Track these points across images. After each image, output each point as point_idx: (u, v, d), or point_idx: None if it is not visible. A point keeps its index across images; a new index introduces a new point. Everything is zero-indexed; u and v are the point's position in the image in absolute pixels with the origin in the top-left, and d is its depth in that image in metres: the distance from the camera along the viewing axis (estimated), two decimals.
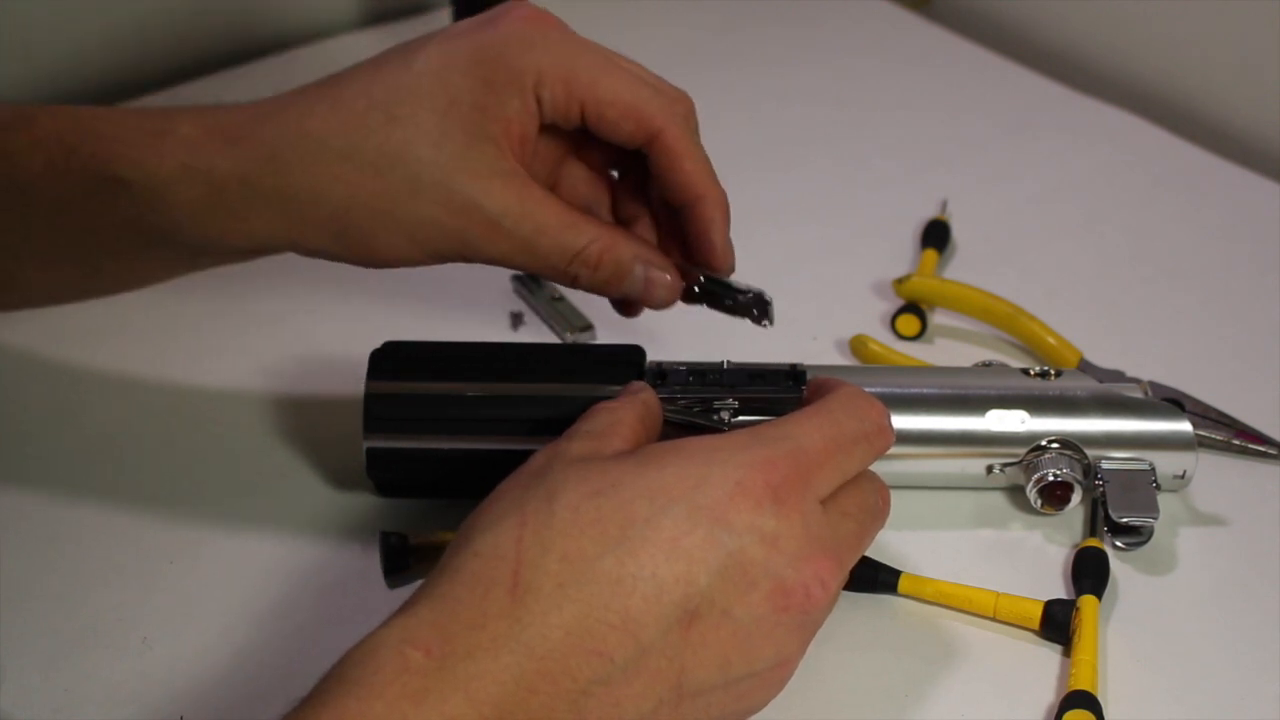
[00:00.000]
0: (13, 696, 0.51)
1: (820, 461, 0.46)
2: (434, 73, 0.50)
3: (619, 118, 0.51)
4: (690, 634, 0.43)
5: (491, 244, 0.51)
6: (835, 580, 0.45)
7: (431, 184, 0.50)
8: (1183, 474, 0.59)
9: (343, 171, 0.50)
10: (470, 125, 0.50)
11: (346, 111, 0.50)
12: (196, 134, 0.51)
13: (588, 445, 0.46)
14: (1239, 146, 0.90)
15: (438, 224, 0.51)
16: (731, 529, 0.43)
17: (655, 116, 0.52)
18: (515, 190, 0.51)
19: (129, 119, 0.52)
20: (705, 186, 0.53)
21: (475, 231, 0.51)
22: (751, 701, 0.46)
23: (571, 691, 0.41)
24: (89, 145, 0.52)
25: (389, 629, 0.41)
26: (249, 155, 0.50)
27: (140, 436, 0.63)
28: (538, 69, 0.50)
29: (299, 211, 0.51)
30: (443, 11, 0.95)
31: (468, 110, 0.50)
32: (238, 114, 0.52)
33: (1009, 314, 0.69)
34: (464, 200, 0.50)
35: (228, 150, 0.50)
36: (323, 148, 0.50)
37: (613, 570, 0.42)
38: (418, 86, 0.50)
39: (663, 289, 0.54)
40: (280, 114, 0.51)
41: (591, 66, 0.51)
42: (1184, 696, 0.52)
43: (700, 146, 0.53)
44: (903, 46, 0.99)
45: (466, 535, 0.44)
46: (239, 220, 0.51)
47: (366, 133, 0.50)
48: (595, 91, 0.51)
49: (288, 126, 0.51)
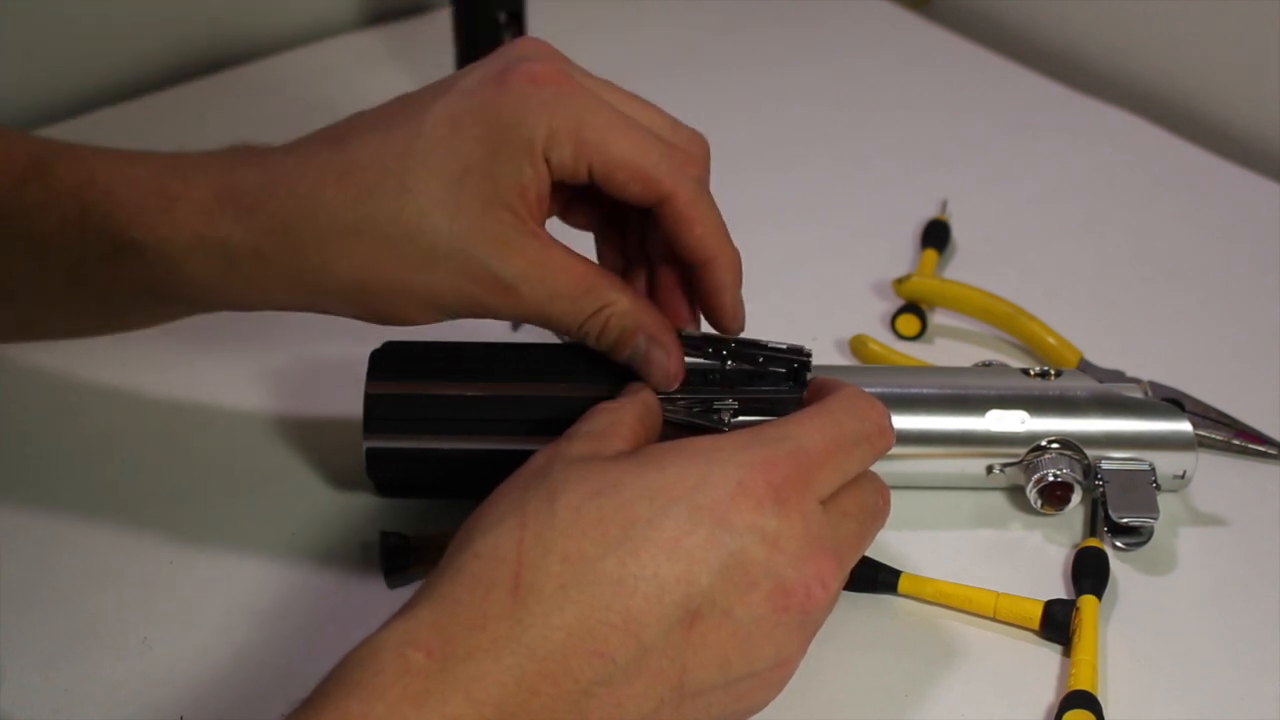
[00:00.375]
0: (13, 696, 0.51)
1: (821, 462, 0.46)
2: (444, 139, 0.49)
3: (627, 180, 0.50)
4: (691, 634, 0.43)
5: (508, 307, 0.51)
6: (836, 580, 0.45)
7: (447, 254, 0.49)
8: (1183, 474, 0.59)
9: (357, 246, 0.49)
10: (484, 193, 0.49)
11: (358, 183, 0.49)
12: (209, 201, 0.50)
13: (588, 446, 0.47)
14: (1239, 146, 0.90)
15: (455, 291, 0.50)
16: (732, 529, 0.43)
17: (664, 180, 0.50)
18: (533, 256, 0.50)
19: (143, 177, 0.51)
20: (716, 249, 0.52)
21: (492, 297, 0.50)
22: (752, 701, 0.46)
23: (573, 692, 0.41)
24: (103, 205, 0.51)
25: (390, 630, 0.41)
26: (262, 228, 0.50)
27: (140, 437, 0.63)
28: (548, 132, 0.49)
29: (315, 284, 0.51)
30: (443, 11, 0.95)
31: (480, 178, 0.49)
32: (251, 176, 0.50)
33: (1009, 314, 0.69)
34: (481, 268, 0.50)
35: (241, 221, 0.50)
36: (335, 222, 0.49)
37: (614, 571, 0.42)
38: (429, 154, 0.49)
39: (659, 371, 0.53)
40: (292, 182, 0.50)
41: (601, 126, 0.50)
42: (1184, 696, 0.52)
43: (712, 207, 0.52)
44: (903, 46, 0.99)
45: (467, 536, 0.44)
46: (256, 289, 0.51)
47: (379, 205, 0.49)
48: (604, 153, 0.50)
49: (300, 199, 0.50)
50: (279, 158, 0.51)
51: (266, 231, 0.50)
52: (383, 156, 0.49)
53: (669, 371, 0.53)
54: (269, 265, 0.50)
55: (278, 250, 0.50)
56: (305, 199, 0.49)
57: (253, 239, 0.50)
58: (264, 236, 0.50)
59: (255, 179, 0.50)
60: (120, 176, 0.51)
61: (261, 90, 0.91)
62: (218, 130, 0.88)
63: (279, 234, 0.50)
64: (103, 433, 0.63)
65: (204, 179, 0.50)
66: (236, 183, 0.50)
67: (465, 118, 0.49)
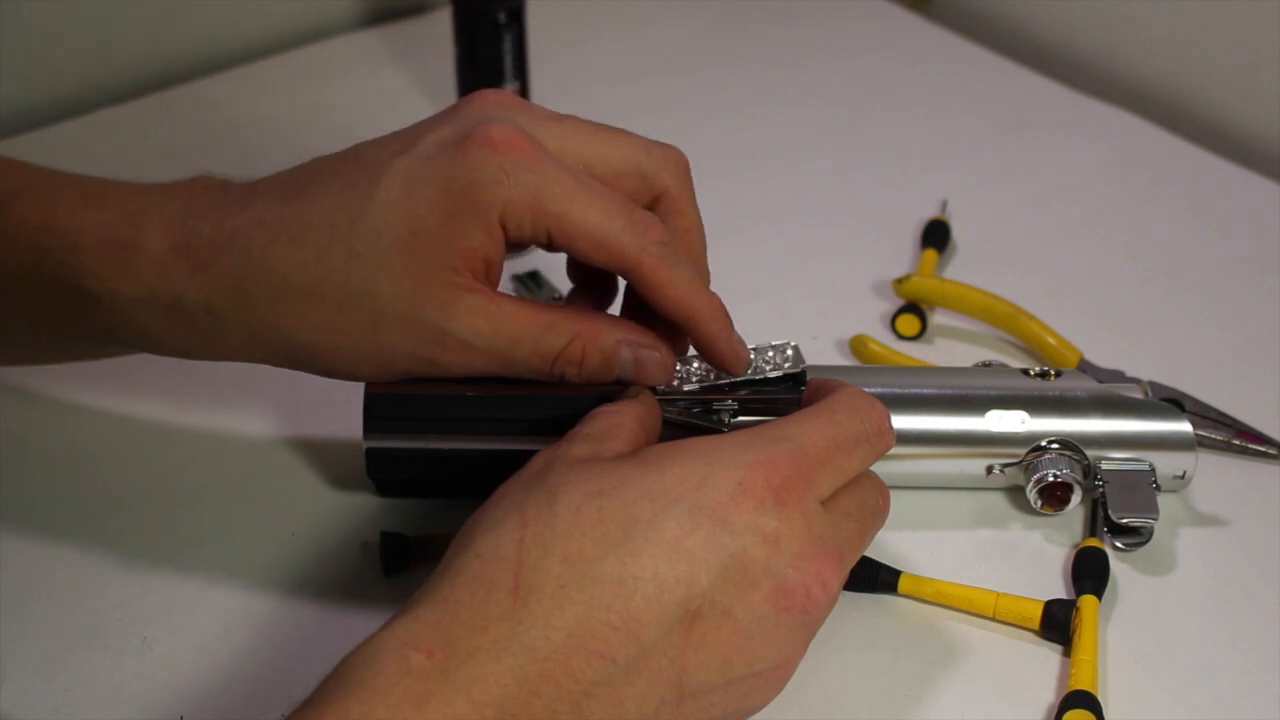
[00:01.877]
0: (13, 696, 0.51)
1: (822, 462, 0.46)
2: (397, 203, 0.49)
3: (590, 250, 0.50)
4: (691, 634, 0.43)
5: (466, 362, 0.51)
6: (836, 580, 0.45)
7: (395, 317, 0.49)
8: (1183, 474, 0.59)
9: (306, 308, 0.50)
10: (432, 255, 0.49)
11: (309, 246, 0.49)
12: (165, 253, 0.50)
13: (588, 447, 0.47)
14: (1239, 146, 0.90)
15: (405, 352, 0.50)
16: (733, 529, 0.43)
17: (627, 249, 0.50)
18: (482, 311, 0.50)
19: (102, 223, 0.51)
20: (693, 307, 0.51)
21: (447, 355, 0.50)
22: (752, 701, 0.46)
23: (573, 693, 0.41)
24: (58, 253, 0.51)
25: (390, 631, 0.41)
26: (214, 287, 0.50)
27: (140, 437, 0.63)
28: (504, 202, 0.48)
29: (266, 344, 0.51)
30: (443, 11, 0.95)
31: (430, 241, 0.49)
32: (206, 229, 0.50)
33: (1009, 314, 0.69)
34: (430, 329, 0.50)
35: (194, 277, 0.50)
36: (286, 285, 0.49)
37: (614, 571, 0.42)
38: (379, 221, 0.49)
39: (655, 367, 0.53)
40: (246, 241, 0.50)
41: (560, 197, 0.49)
42: (1184, 696, 0.52)
43: (680, 265, 0.51)
44: (903, 46, 0.99)
45: (467, 536, 0.44)
46: (209, 345, 0.52)
47: (328, 270, 0.49)
48: (563, 224, 0.49)
49: (252, 259, 0.50)
50: (235, 210, 0.51)
51: (218, 290, 0.50)
52: (335, 217, 0.49)
53: (667, 364, 0.53)
54: (221, 322, 0.51)
55: (229, 308, 0.50)
56: (257, 259, 0.50)
57: (204, 296, 0.50)
58: (215, 295, 0.50)
59: (210, 233, 0.50)
60: (78, 222, 0.51)
61: (262, 90, 0.91)
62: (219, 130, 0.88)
63: (230, 293, 0.50)
64: (103, 433, 0.63)
65: (161, 228, 0.51)
66: (191, 236, 0.50)
67: (420, 181, 0.49)
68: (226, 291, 0.50)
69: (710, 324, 0.52)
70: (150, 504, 0.60)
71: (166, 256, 0.50)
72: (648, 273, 0.50)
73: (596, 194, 0.50)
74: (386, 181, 0.49)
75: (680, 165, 0.53)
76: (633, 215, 0.50)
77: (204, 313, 0.50)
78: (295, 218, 0.50)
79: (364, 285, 0.49)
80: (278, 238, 0.50)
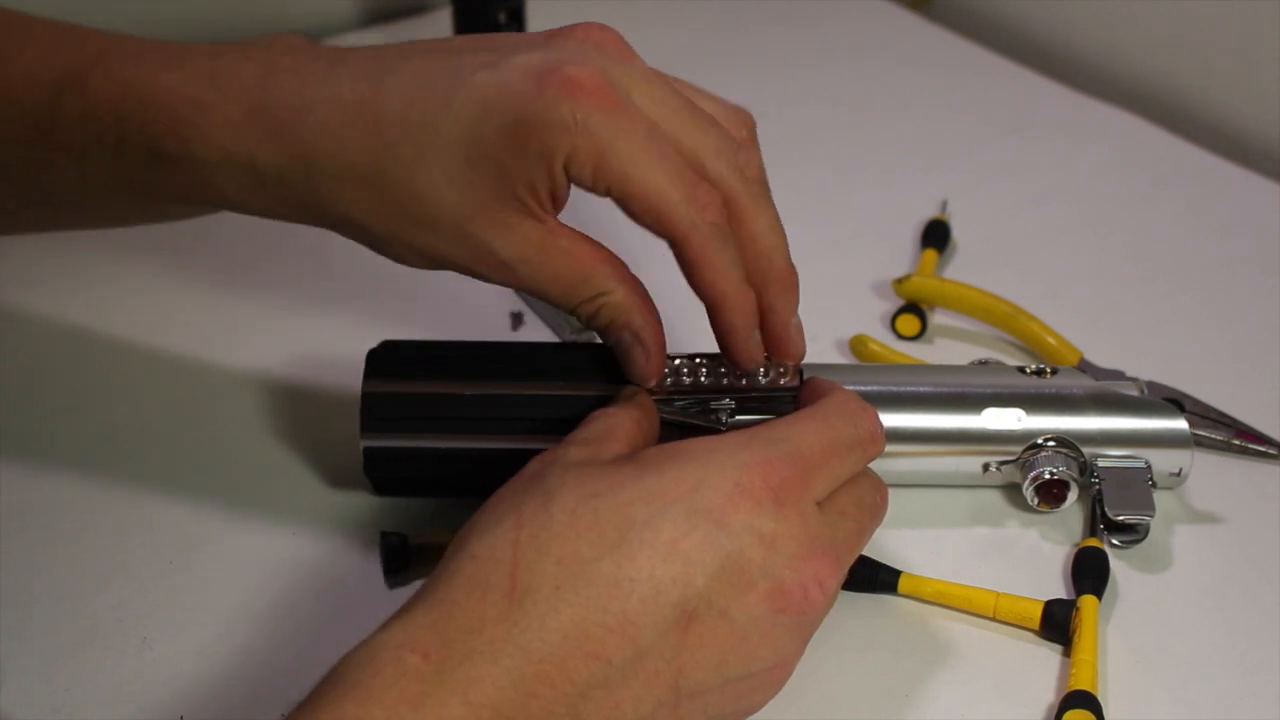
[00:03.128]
0: (13, 696, 0.51)
1: (817, 464, 0.46)
2: (470, 121, 0.49)
3: (643, 213, 0.50)
4: (688, 636, 0.43)
5: (504, 279, 0.52)
6: (834, 580, 0.45)
7: (449, 224, 0.50)
8: (1179, 472, 0.59)
9: (368, 194, 0.50)
10: (494, 181, 0.49)
11: (380, 136, 0.49)
12: (240, 115, 0.50)
13: (585, 451, 0.47)
14: (1239, 146, 0.90)
15: (451, 256, 0.51)
16: (729, 530, 0.43)
17: (679, 223, 0.50)
18: (535, 241, 0.50)
19: (179, 84, 0.51)
20: (724, 296, 0.51)
21: (489, 270, 0.51)
22: (750, 701, 0.46)
23: (570, 695, 0.41)
24: (138, 117, 0.51)
25: (387, 632, 0.41)
26: (286, 154, 0.50)
27: (139, 436, 0.63)
28: (570, 149, 0.48)
29: (326, 215, 0.52)
30: (443, 11, 0.95)
31: (494, 168, 0.49)
32: (284, 96, 0.50)
33: (1009, 314, 0.69)
34: (480, 245, 0.50)
35: (267, 143, 0.50)
36: (352, 168, 0.50)
37: (610, 573, 0.42)
38: (451, 133, 0.49)
39: (635, 369, 0.53)
40: (322, 115, 0.50)
41: (625, 155, 0.48)
42: (1184, 696, 0.52)
43: (725, 249, 0.51)
44: (903, 46, 0.99)
45: (463, 538, 0.44)
46: (280, 205, 0.52)
47: (394, 163, 0.49)
48: (624, 184, 0.49)
49: (325, 135, 0.50)
50: (315, 81, 0.51)
51: (289, 157, 0.50)
52: (409, 114, 0.49)
53: (644, 372, 0.53)
54: (289, 191, 0.51)
55: (296, 179, 0.50)
56: (329, 137, 0.50)
57: (275, 162, 0.50)
58: (286, 162, 0.50)
59: (288, 100, 0.50)
60: (157, 85, 0.51)
61: None
62: None
63: (300, 163, 0.50)
64: (102, 433, 0.63)
65: (238, 91, 0.51)
66: (268, 100, 0.50)
67: (495, 107, 0.48)
68: (297, 161, 0.50)
69: (733, 315, 0.52)
70: (149, 503, 0.60)
71: (242, 119, 0.50)
72: (691, 249, 0.50)
73: (663, 159, 0.49)
74: (464, 95, 0.49)
75: (750, 171, 0.53)
76: (694, 190, 0.50)
77: (275, 179, 0.50)
78: (372, 105, 0.50)
79: (425, 188, 0.49)
80: (352, 122, 0.50)
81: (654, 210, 0.49)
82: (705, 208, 0.50)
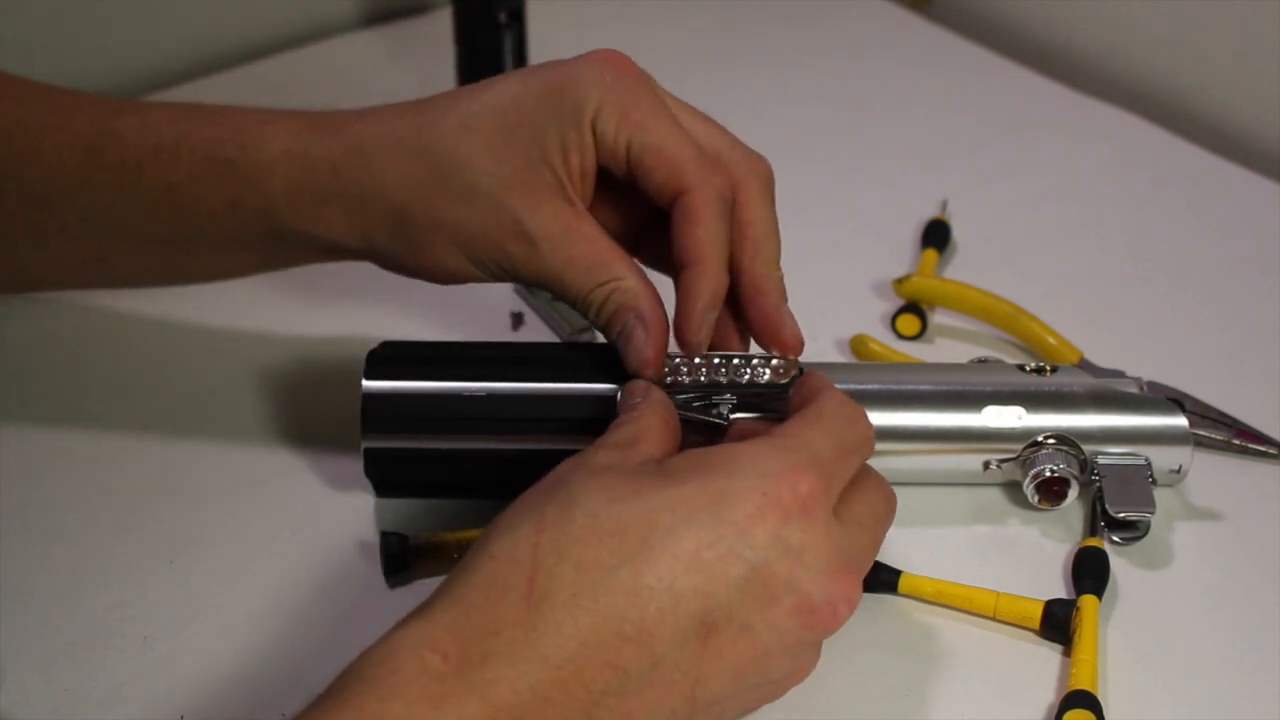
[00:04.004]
0: (13, 696, 0.51)
1: (833, 470, 0.46)
2: (510, 94, 0.53)
3: (655, 166, 0.53)
4: (707, 647, 0.42)
5: (528, 263, 0.53)
6: (857, 594, 0.45)
7: (485, 194, 0.52)
8: (1178, 468, 0.59)
9: (411, 169, 0.53)
10: (531, 148, 0.52)
11: (428, 119, 0.54)
12: (300, 124, 0.55)
13: (614, 455, 0.46)
14: (1239, 146, 0.90)
15: (483, 233, 0.53)
16: (754, 543, 0.43)
17: (688, 175, 0.52)
18: (562, 219, 0.53)
19: (240, 110, 0.56)
20: (703, 258, 0.53)
21: (515, 249, 0.53)
22: (759, 704, 0.46)
23: (584, 701, 0.41)
24: (200, 131, 0.55)
25: (406, 630, 0.41)
26: (340, 144, 0.54)
27: (140, 436, 0.63)
28: (598, 103, 0.52)
29: (368, 203, 0.54)
30: (443, 11, 0.95)
31: (531, 133, 0.53)
32: (340, 113, 0.56)
33: (1009, 314, 0.69)
34: (510, 216, 0.52)
35: (324, 139, 0.54)
36: (400, 146, 0.53)
37: (629, 580, 0.42)
38: (493, 104, 0.53)
39: (635, 352, 0.53)
40: (375, 115, 0.55)
41: (647, 112, 0.53)
42: (1185, 697, 0.52)
43: (722, 220, 0.53)
44: (903, 46, 0.99)
45: (485, 538, 0.44)
46: (322, 205, 0.54)
47: (440, 136, 0.53)
48: (642, 134, 0.52)
49: (378, 124, 0.54)
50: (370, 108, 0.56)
51: (342, 148, 0.54)
52: (457, 103, 0.54)
53: (644, 357, 0.53)
54: (338, 178, 0.54)
55: (347, 163, 0.54)
56: (381, 124, 0.54)
57: (330, 153, 0.54)
58: (339, 152, 0.54)
59: (344, 114, 0.56)
60: (219, 110, 0.56)
61: (262, 90, 0.91)
62: None
63: (353, 151, 0.54)
64: (103, 432, 0.63)
65: (298, 113, 0.56)
66: (328, 115, 0.56)
67: (533, 79, 0.54)
68: (349, 150, 0.54)
69: (701, 281, 0.53)
70: (150, 504, 0.60)
71: (303, 127, 0.55)
72: (692, 203, 0.53)
73: (679, 126, 0.53)
74: (505, 81, 0.54)
75: (761, 170, 0.56)
76: (705, 158, 0.53)
77: (327, 169, 0.54)
78: (425, 103, 0.55)
79: (467, 157, 0.53)
80: (403, 114, 0.55)
81: (668, 161, 0.52)
82: (715, 173, 0.53)
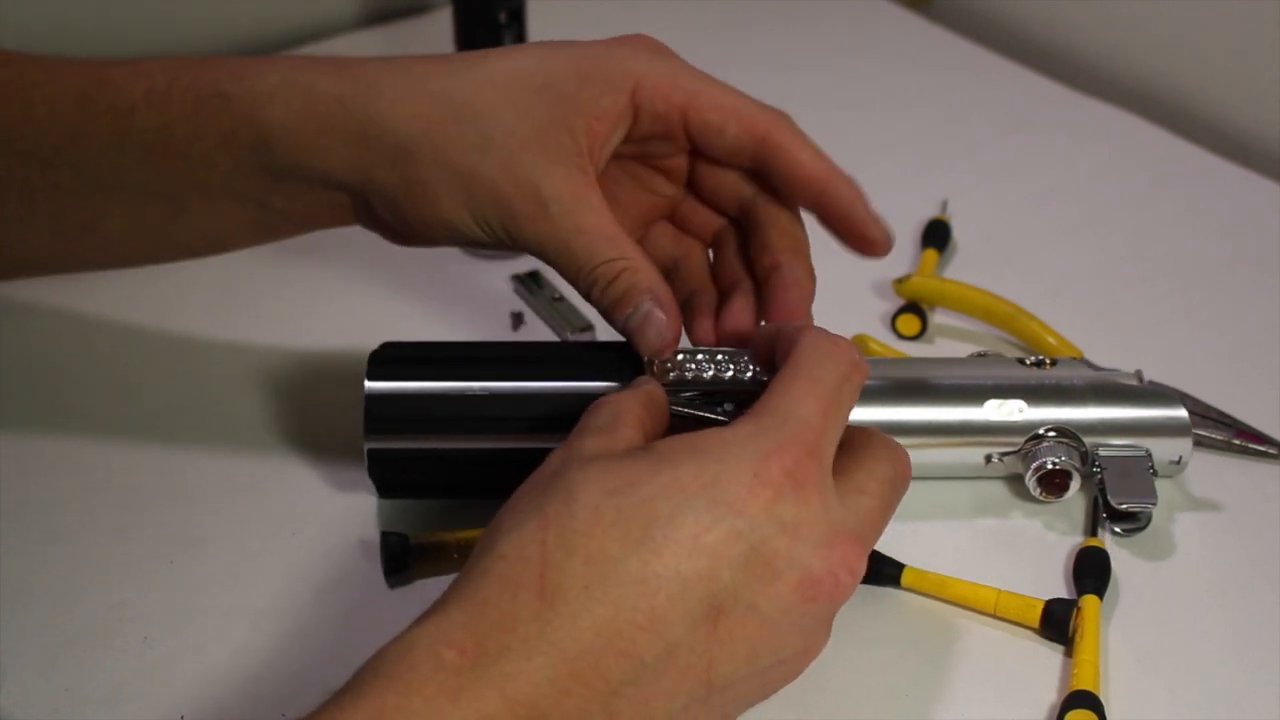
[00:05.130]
0: (13, 696, 0.51)
1: (822, 429, 0.45)
2: (538, 55, 0.53)
3: (724, 121, 0.53)
4: (717, 630, 0.43)
5: (534, 226, 0.52)
6: (860, 563, 0.45)
7: (501, 147, 0.52)
8: (1179, 459, 0.59)
9: (427, 109, 0.52)
10: (555, 110, 0.52)
11: (454, 67, 0.53)
12: (304, 61, 0.54)
13: (599, 441, 0.46)
14: (1239, 146, 0.90)
15: (493, 187, 0.52)
16: (752, 521, 0.43)
17: (759, 118, 0.53)
18: (574, 184, 0.52)
19: (236, 56, 0.55)
20: (826, 177, 0.54)
21: (524, 208, 0.52)
22: (776, 684, 0.46)
23: (603, 692, 0.41)
24: (193, 72, 0.54)
25: (422, 628, 0.41)
26: (350, 79, 0.53)
27: (139, 436, 0.63)
28: (637, 74, 0.52)
29: (372, 138, 0.52)
30: (443, 11, 0.95)
31: (557, 96, 0.52)
32: (348, 57, 0.54)
33: (1009, 314, 0.69)
34: (524, 173, 0.52)
35: (332, 74, 0.53)
36: (419, 85, 0.52)
37: (637, 571, 0.42)
38: (521, 63, 0.53)
39: (656, 331, 0.53)
40: (392, 59, 0.54)
41: (694, 78, 0.53)
42: (1186, 697, 0.52)
43: (811, 143, 0.54)
44: (903, 46, 0.99)
45: (490, 538, 0.44)
46: (323, 138, 0.53)
47: (462, 84, 0.52)
48: (698, 99, 0.53)
49: (394, 64, 0.53)
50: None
51: (353, 82, 0.53)
52: (487, 58, 0.54)
53: (663, 337, 0.53)
54: (344, 111, 0.52)
55: (356, 96, 0.52)
56: (402, 63, 0.53)
57: (338, 88, 0.52)
58: (349, 86, 0.52)
59: (348, 59, 0.54)
60: (208, 56, 0.55)
61: None
62: None
63: (364, 85, 0.52)
64: (103, 432, 0.63)
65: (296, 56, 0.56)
66: (329, 58, 0.54)
67: (565, 47, 0.54)
68: (361, 84, 0.52)
69: (845, 186, 0.54)
70: (150, 504, 0.60)
71: (305, 63, 0.53)
72: (781, 138, 0.53)
73: (727, 85, 0.54)
74: (534, 48, 0.54)
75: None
76: (762, 103, 0.54)
77: (333, 101, 0.52)
78: (453, 55, 0.54)
79: (488, 108, 0.52)
80: (428, 59, 0.54)
81: (735, 113, 0.53)
82: (779, 114, 0.54)
